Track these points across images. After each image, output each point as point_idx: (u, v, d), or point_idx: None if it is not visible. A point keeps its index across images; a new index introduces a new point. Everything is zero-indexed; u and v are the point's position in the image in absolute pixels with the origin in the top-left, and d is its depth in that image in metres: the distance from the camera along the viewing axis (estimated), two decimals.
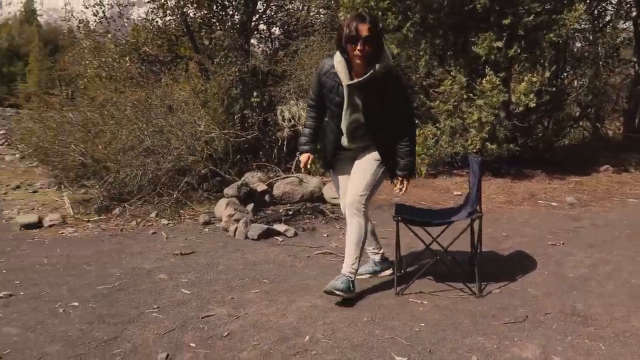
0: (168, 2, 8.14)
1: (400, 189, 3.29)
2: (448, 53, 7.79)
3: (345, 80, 3.07)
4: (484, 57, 6.87)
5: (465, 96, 7.04)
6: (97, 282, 3.68)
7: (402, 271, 3.64)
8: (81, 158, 5.66)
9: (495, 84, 6.76)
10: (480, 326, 2.87)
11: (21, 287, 3.60)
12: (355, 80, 3.06)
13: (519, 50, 7.02)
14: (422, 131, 7.43)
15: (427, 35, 7.52)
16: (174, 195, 5.68)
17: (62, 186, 6.22)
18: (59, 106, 6.33)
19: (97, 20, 8.67)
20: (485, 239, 4.46)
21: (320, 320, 2.95)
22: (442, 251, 3.37)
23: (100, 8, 8.86)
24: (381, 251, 3.65)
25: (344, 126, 3.24)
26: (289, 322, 2.95)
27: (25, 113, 8.57)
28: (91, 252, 4.45)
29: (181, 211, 5.63)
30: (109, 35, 8.26)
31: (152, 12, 8.77)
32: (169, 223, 5.30)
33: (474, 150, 7.11)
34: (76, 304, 3.27)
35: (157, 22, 8.86)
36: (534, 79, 6.83)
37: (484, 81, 6.83)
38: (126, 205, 5.58)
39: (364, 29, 2.90)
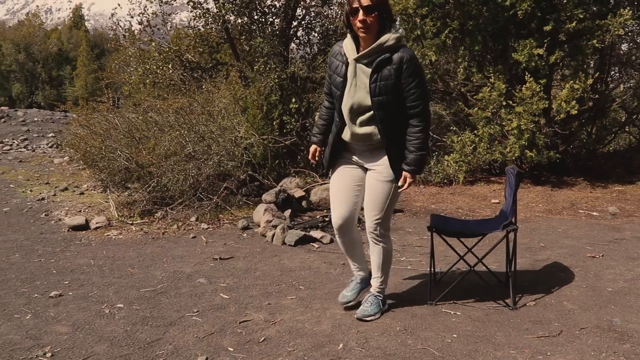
0: (210, 10, 8.34)
1: (401, 186, 2.92)
2: (487, 59, 7.74)
3: (351, 55, 2.83)
4: (524, 64, 6.79)
5: (504, 103, 6.98)
6: (140, 284, 3.84)
7: (436, 281, 3.67)
8: (126, 163, 5.89)
9: (536, 90, 6.68)
10: (513, 339, 2.87)
11: (70, 287, 3.80)
12: (361, 52, 2.81)
13: (560, 57, 6.91)
14: (459, 138, 7.40)
15: (466, 41, 7.50)
16: (214, 200, 5.85)
17: (108, 189, 6.47)
18: (105, 112, 6.59)
19: (142, 29, 8.96)
20: (521, 249, 4.45)
21: (354, 329, 3.01)
22: (477, 262, 3.38)
23: (145, 17, 9.15)
24: (367, 269, 3.33)
25: (345, 108, 2.90)
26: (323, 330, 3.02)
27: (74, 118, 8.92)
28: (135, 254, 4.64)
29: (220, 216, 5.79)
30: (153, 43, 8.53)
31: (194, 19, 9.01)
32: (208, 227, 5.47)
33: (513, 158, 7.04)
34: (121, 305, 3.44)
35: (198, 29, 9.11)
36: (576, 86, 6.71)
37: (523, 88, 6.76)
38: (168, 209, 5.78)
39: None
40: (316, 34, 10.12)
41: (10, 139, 17.56)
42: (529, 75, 6.77)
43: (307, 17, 9.77)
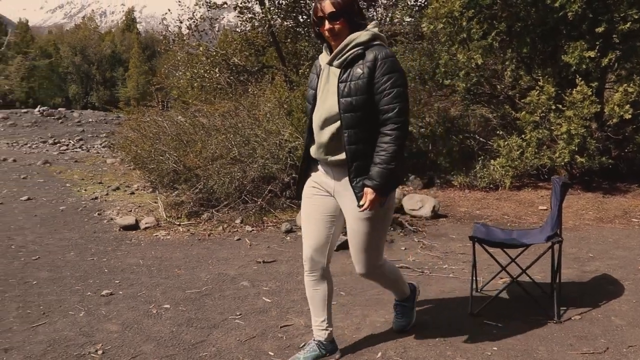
0: (256, 15, 8.49)
1: (360, 206, 2.44)
2: (535, 62, 7.56)
3: (324, 61, 2.56)
4: (574, 67, 6.60)
5: (553, 107, 6.79)
6: (186, 285, 3.97)
7: (478, 291, 3.63)
8: (174, 165, 6.07)
9: (587, 94, 6.48)
10: (556, 355, 2.82)
11: (120, 286, 3.97)
12: (331, 55, 2.51)
13: (613, 59, 6.67)
14: (506, 142, 7.25)
15: (514, 43, 7.35)
16: (258, 203, 5.96)
17: (157, 190, 6.69)
18: (155, 116, 6.82)
19: (190, 33, 9.21)
20: (568, 259, 4.34)
21: (393, 337, 3.02)
22: (520, 273, 3.33)
23: (193, 21, 9.40)
24: (330, 330, 2.77)
25: (315, 119, 2.55)
26: (363, 337, 3.05)
27: (126, 121, 9.25)
28: (181, 255, 4.79)
29: (264, 218, 5.90)
30: (201, 48, 8.75)
31: (241, 23, 9.20)
32: (252, 230, 5.58)
33: (562, 163, 6.85)
34: (168, 306, 3.57)
35: (245, 32, 9.29)
36: (630, 89, 6.47)
37: (574, 91, 6.56)
38: (214, 211, 5.93)
39: (326, 6, 2.41)
40: None
41: (66, 139, 18.37)
42: (579, 79, 6.57)
43: None
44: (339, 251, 4.79)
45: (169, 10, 11.27)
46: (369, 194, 2.40)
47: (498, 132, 8.03)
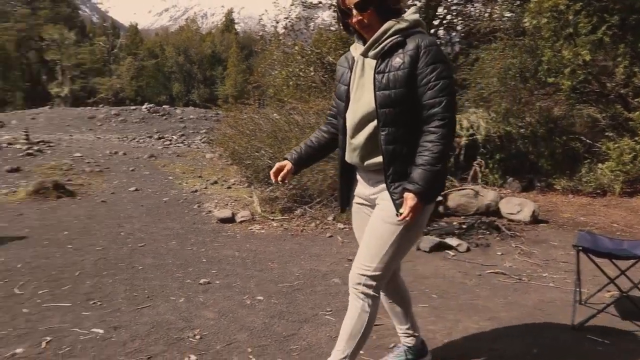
0: None
1: (399, 214, 2.09)
2: None
3: (357, 52, 2.23)
4: None
5: None
6: (279, 279, 4.08)
7: (582, 303, 3.41)
8: (269, 162, 6.25)
9: None
10: None
11: (217, 276, 4.15)
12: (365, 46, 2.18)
13: None
14: (617, 145, 6.75)
15: (628, 38, 6.81)
16: None
17: (252, 186, 6.92)
18: (251, 114, 7.05)
19: (286, 33, 9.43)
20: None
21: (486, 346, 2.92)
22: (631, 287, 3.08)
23: (289, 21, 9.61)
24: (417, 334, 2.64)
25: (349, 119, 2.24)
26: (454, 343, 2.96)
27: (224, 118, 9.65)
28: (275, 249, 4.92)
29: None
30: (296, 47, 8.93)
31: (335, 22, 9.27)
32: (344, 227, 5.62)
33: None
34: (261, 297, 3.68)
35: (339, 31, 9.34)
36: None
37: None
38: (307, 207, 6.04)
39: None
40: (458, 33, 9.86)
41: (170, 134, 19.52)
42: None
43: (448, 16, 9.56)
44: (431, 253, 4.70)
45: (266, 10, 11.62)
46: (409, 199, 2.04)
47: (607, 133, 7.49)
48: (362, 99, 2.17)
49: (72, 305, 3.46)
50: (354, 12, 2.11)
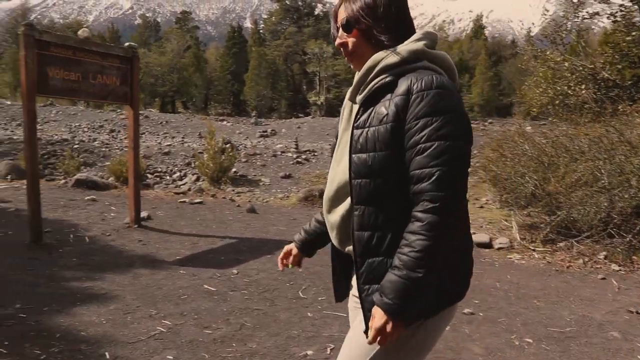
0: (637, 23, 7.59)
1: (366, 333, 1.46)
2: None
3: (347, 96, 1.65)
4: None
5: None
6: (547, 321, 3.88)
7: None
8: (533, 189, 5.97)
9: None
10: None
11: (480, 307, 4.14)
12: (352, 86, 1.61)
13: None
14: None
15: None
16: (627, 239, 5.36)
17: (513, 211, 6.69)
18: (516, 138, 6.80)
19: (555, 49, 8.84)
20: None
21: None
22: None
23: (558, 34, 8.99)
24: None
25: (327, 187, 1.64)
26: None
27: (486, 143, 9.48)
28: (539, 285, 4.69)
29: (634, 257, 5.27)
30: (566, 64, 8.29)
31: (614, 33, 8.36)
32: (619, 269, 5.06)
33: None
34: (530, 340, 3.55)
35: (618, 43, 8.39)
36: None
37: None
38: (573, 241, 5.60)
39: (340, 11, 1.57)
40: None
41: None
42: None
43: None
44: None
45: (521, 21, 11.03)
46: (376, 317, 1.40)
47: None
48: (342, 163, 1.57)
49: (347, 316, 3.85)
50: (339, 31, 1.58)
